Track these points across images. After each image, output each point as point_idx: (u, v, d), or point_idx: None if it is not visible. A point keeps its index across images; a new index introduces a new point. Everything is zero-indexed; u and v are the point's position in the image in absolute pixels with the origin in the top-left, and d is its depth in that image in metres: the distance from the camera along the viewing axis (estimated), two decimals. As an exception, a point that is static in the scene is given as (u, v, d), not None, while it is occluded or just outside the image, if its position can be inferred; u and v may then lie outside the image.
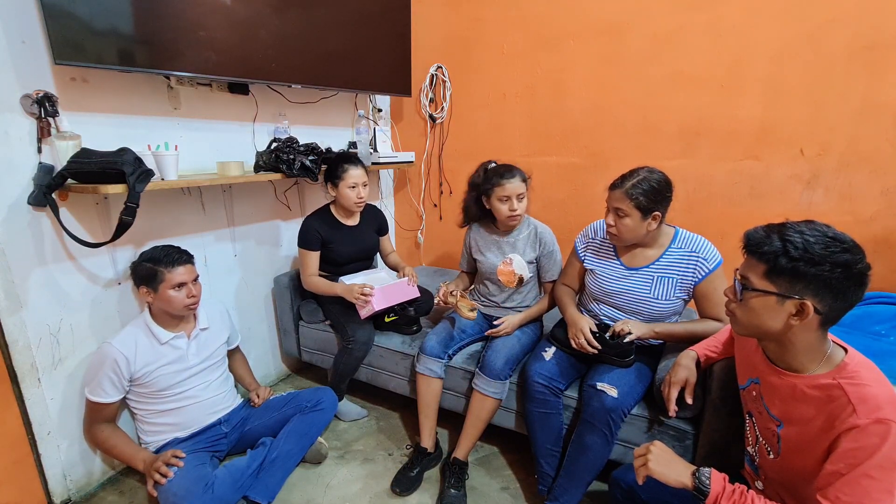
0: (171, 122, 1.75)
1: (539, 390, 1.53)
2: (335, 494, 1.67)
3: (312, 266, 2.00)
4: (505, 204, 1.69)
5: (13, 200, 1.38)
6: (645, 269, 1.52)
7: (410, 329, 2.02)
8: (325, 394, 1.82)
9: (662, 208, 1.43)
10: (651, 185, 1.40)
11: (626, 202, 1.41)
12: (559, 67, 2.29)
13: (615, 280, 1.56)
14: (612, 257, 1.60)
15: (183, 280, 1.51)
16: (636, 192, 1.40)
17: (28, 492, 1.54)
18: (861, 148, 1.80)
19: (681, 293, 1.50)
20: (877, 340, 1.54)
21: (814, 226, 0.89)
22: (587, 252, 1.68)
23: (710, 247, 1.47)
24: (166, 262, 1.50)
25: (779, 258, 0.88)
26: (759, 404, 1.05)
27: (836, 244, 0.85)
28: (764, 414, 1.03)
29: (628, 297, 1.54)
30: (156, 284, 1.50)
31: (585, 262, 1.67)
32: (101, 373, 1.48)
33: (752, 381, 1.07)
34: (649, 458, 0.99)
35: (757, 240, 0.93)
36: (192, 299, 1.54)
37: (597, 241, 1.66)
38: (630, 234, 1.47)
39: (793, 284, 0.87)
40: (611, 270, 1.58)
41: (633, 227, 1.44)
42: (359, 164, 1.97)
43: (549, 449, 1.56)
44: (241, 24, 1.74)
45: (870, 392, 0.84)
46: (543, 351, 1.62)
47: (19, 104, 1.35)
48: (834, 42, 1.77)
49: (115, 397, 1.51)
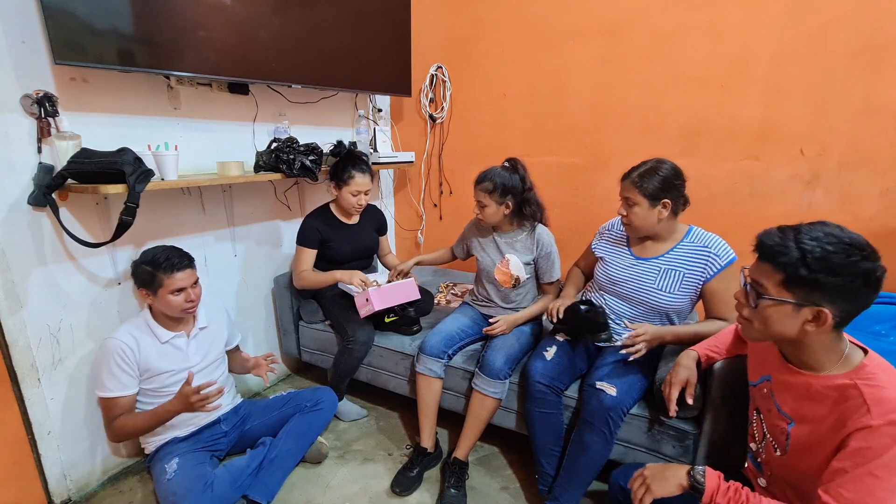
0: (171, 122, 1.75)
1: (540, 390, 1.54)
2: (335, 494, 1.67)
3: (306, 263, 2.00)
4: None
5: (13, 200, 1.38)
6: (654, 259, 1.53)
7: (410, 329, 2.02)
8: (324, 394, 1.82)
9: (671, 196, 1.45)
10: (658, 173, 1.45)
11: (634, 191, 1.47)
12: (559, 67, 2.29)
13: (622, 268, 1.59)
14: (623, 246, 1.63)
15: (182, 285, 1.50)
16: (643, 181, 1.45)
17: (28, 492, 1.54)
18: (861, 148, 1.80)
19: (687, 290, 1.49)
20: (877, 340, 1.54)
21: (829, 230, 0.86)
22: (601, 241, 1.73)
23: (722, 244, 1.47)
24: (166, 267, 1.48)
25: (798, 269, 0.85)
26: (769, 402, 1.04)
27: (856, 252, 0.83)
28: (774, 411, 1.02)
29: (632, 286, 1.55)
30: (155, 288, 1.49)
31: (596, 250, 1.71)
32: (111, 366, 1.46)
33: (765, 379, 1.07)
34: (648, 484, 0.99)
35: (772, 247, 0.90)
36: (190, 303, 1.53)
37: (614, 232, 1.70)
38: (640, 223, 1.49)
39: (810, 293, 0.86)
40: (620, 259, 1.61)
41: (643, 216, 1.48)
42: (366, 172, 1.97)
43: (549, 448, 1.56)
44: (241, 23, 1.74)
45: (886, 394, 0.83)
46: (545, 350, 1.62)
47: (19, 104, 1.35)
48: (834, 42, 1.76)
49: (131, 388, 1.49)
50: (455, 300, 2.39)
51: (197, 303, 1.57)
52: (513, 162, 1.76)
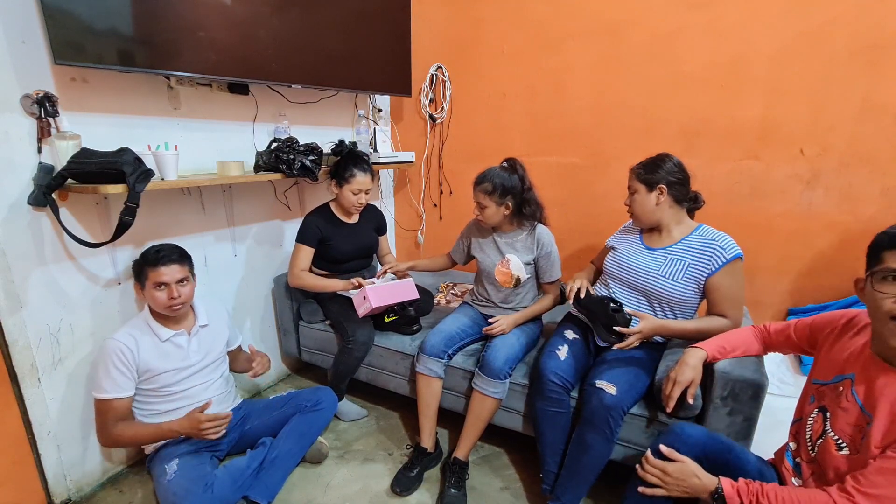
0: (171, 122, 1.75)
1: (553, 388, 1.52)
2: (335, 494, 1.67)
3: (303, 261, 2.00)
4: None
5: (13, 200, 1.38)
6: (662, 249, 1.58)
7: (410, 329, 2.02)
8: (325, 394, 1.82)
9: (667, 182, 1.53)
10: (650, 160, 1.57)
11: (633, 179, 1.60)
12: (559, 67, 2.29)
13: (630, 255, 1.65)
14: (635, 236, 1.70)
15: (164, 280, 1.49)
16: (640, 169, 1.58)
17: (28, 492, 1.54)
18: (861, 148, 1.80)
19: (691, 281, 1.50)
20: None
21: None
22: (617, 235, 1.79)
23: (729, 240, 1.49)
24: (152, 261, 1.49)
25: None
26: (843, 400, 1.04)
27: None
28: (851, 410, 1.02)
29: (639, 272, 1.58)
30: (143, 281, 1.52)
31: (610, 242, 1.78)
32: (108, 367, 1.46)
33: (844, 378, 1.07)
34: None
35: None
36: (172, 301, 1.50)
37: (628, 227, 1.77)
38: (641, 209, 1.59)
39: None
40: (630, 247, 1.68)
41: (642, 202, 1.58)
42: (367, 171, 1.97)
43: (556, 447, 1.55)
44: (240, 24, 1.74)
45: None
46: (557, 349, 1.60)
47: (19, 104, 1.35)
48: (834, 42, 1.77)
49: (127, 391, 1.49)
50: (455, 300, 2.39)
51: (181, 302, 1.53)
52: (511, 162, 1.76)
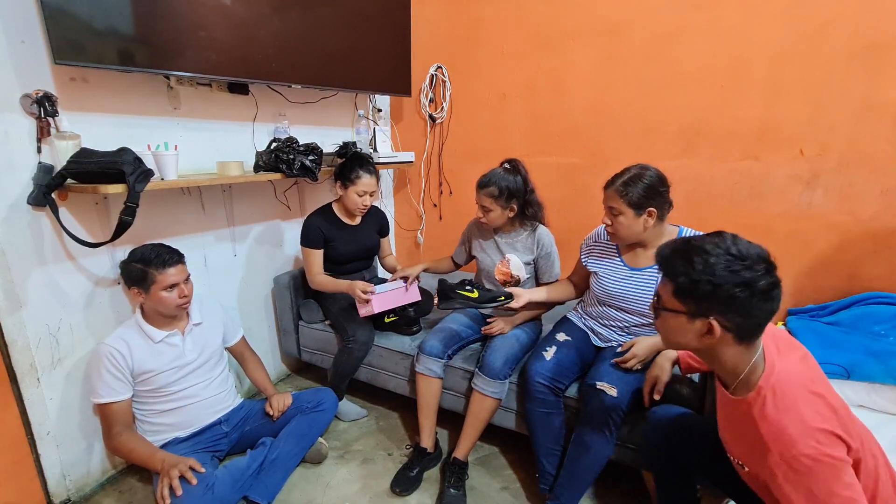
0: (171, 122, 1.75)
1: (540, 390, 1.53)
2: (335, 494, 1.67)
3: (317, 264, 2.00)
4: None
5: (13, 200, 1.38)
6: (648, 269, 1.51)
7: (410, 329, 2.02)
8: (325, 395, 1.81)
9: (657, 204, 1.42)
10: (642, 181, 1.41)
11: (618, 200, 1.43)
12: (559, 67, 2.29)
13: (618, 281, 1.56)
14: (614, 257, 1.60)
15: (175, 281, 1.49)
16: (626, 189, 1.42)
17: (27, 492, 1.54)
18: (861, 148, 1.80)
19: None
20: (877, 340, 1.54)
21: (718, 241, 0.87)
22: (591, 256, 1.68)
23: None
24: (157, 264, 1.47)
25: (684, 279, 0.87)
26: None
27: (738, 262, 0.83)
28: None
29: (631, 298, 1.53)
30: (147, 286, 1.48)
31: (588, 265, 1.67)
32: (101, 372, 1.47)
33: None
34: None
35: (664, 258, 0.93)
36: (183, 299, 1.53)
37: (600, 244, 1.66)
38: (626, 232, 1.47)
39: (699, 304, 0.87)
40: (613, 271, 1.58)
41: (629, 225, 1.45)
42: (373, 173, 1.97)
43: (550, 448, 1.56)
44: (241, 24, 1.74)
45: (779, 424, 0.82)
46: (544, 350, 1.61)
47: (19, 104, 1.35)
48: (834, 42, 1.76)
49: (123, 394, 1.49)
50: (455, 300, 2.39)
51: (190, 298, 1.56)
52: (514, 163, 1.75)
